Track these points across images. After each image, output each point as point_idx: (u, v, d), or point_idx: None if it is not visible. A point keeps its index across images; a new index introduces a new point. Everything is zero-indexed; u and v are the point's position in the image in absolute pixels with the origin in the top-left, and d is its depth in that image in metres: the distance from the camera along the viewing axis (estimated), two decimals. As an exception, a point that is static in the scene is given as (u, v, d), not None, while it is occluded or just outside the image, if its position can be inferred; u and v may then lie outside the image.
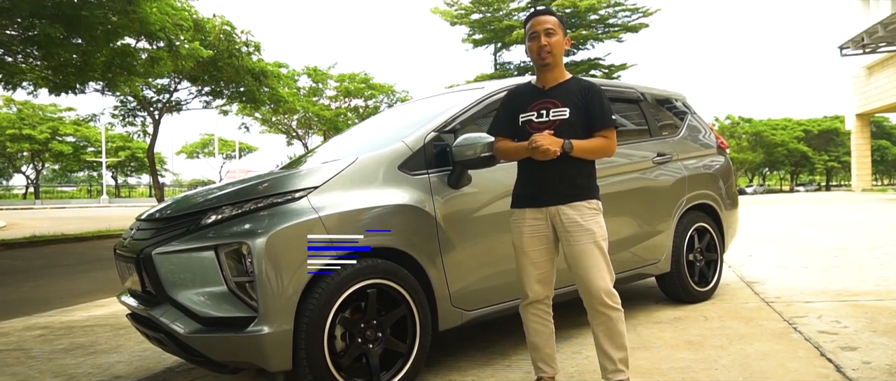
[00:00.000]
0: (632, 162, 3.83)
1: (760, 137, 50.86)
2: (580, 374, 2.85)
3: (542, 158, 2.34)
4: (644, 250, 3.82)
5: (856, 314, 3.70)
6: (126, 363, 3.42)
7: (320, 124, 30.86)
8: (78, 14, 9.04)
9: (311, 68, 30.18)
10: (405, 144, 2.85)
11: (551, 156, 2.32)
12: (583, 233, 2.39)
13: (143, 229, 2.78)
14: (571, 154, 2.36)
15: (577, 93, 2.46)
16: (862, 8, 28.11)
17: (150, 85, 16.63)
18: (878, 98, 27.95)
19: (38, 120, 43.02)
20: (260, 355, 2.34)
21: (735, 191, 4.77)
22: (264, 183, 2.64)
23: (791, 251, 6.83)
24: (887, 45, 24.10)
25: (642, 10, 26.76)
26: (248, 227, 2.41)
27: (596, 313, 2.43)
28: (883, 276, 5.00)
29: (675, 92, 4.70)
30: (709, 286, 4.31)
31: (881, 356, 2.90)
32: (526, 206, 2.49)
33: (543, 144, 2.30)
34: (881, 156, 54.48)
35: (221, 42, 13.90)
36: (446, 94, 3.74)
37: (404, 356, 2.65)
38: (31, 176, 50.95)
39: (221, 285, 2.40)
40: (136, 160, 50.87)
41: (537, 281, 2.50)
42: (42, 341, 4.05)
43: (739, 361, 2.93)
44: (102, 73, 11.29)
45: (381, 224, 2.63)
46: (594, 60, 27.93)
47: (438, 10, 28.37)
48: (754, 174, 63.31)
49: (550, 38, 2.44)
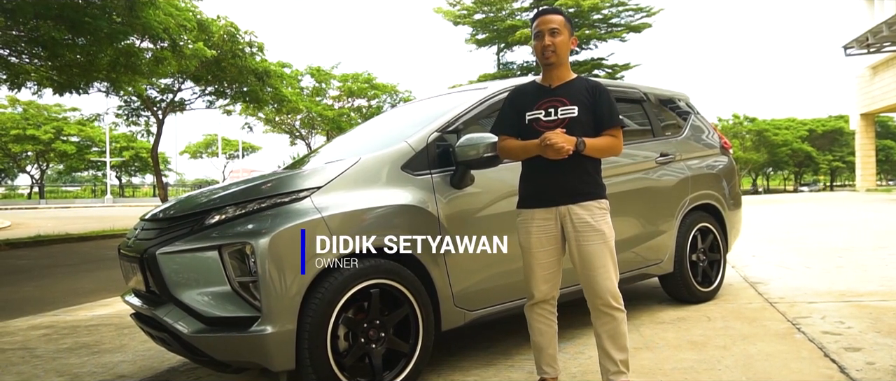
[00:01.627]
0: (635, 162, 3.83)
1: (764, 136, 50.70)
2: (582, 374, 2.85)
3: (554, 157, 2.31)
4: (647, 250, 3.82)
5: (860, 315, 3.69)
6: (130, 363, 3.44)
7: (323, 124, 30.90)
8: (82, 18, 9.07)
9: (314, 68, 30.23)
10: (408, 145, 2.86)
11: (564, 154, 2.30)
12: (593, 233, 2.38)
13: (147, 229, 2.79)
14: (583, 153, 2.35)
15: (584, 92, 2.45)
16: (866, 8, 28.00)
17: (153, 84, 16.67)
18: (883, 98, 27.85)
19: (42, 120, 43.13)
20: (263, 354, 2.35)
21: (738, 191, 4.76)
22: (268, 183, 2.65)
23: (795, 251, 6.81)
24: (892, 44, 24.04)
25: (645, 10, 26.73)
26: (251, 227, 2.42)
27: (600, 314, 2.42)
28: (887, 276, 4.98)
29: (679, 92, 4.69)
30: (712, 287, 4.31)
31: (885, 356, 2.89)
32: (534, 206, 2.46)
33: (557, 142, 2.28)
34: (886, 156, 54.22)
35: (225, 42, 13.92)
36: (449, 94, 3.75)
37: (407, 356, 2.65)
38: (36, 176, 51.15)
39: (225, 285, 2.41)
40: (140, 160, 50.96)
41: (544, 281, 2.48)
42: (46, 340, 4.07)
43: (742, 361, 2.92)
44: (107, 73, 11.33)
45: (384, 224, 2.63)
46: (597, 60, 27.90)
47: (441, 10, 28.36)
48: (758, 174, 63.14)
49: (555, 38, 2.42)
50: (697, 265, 4.22)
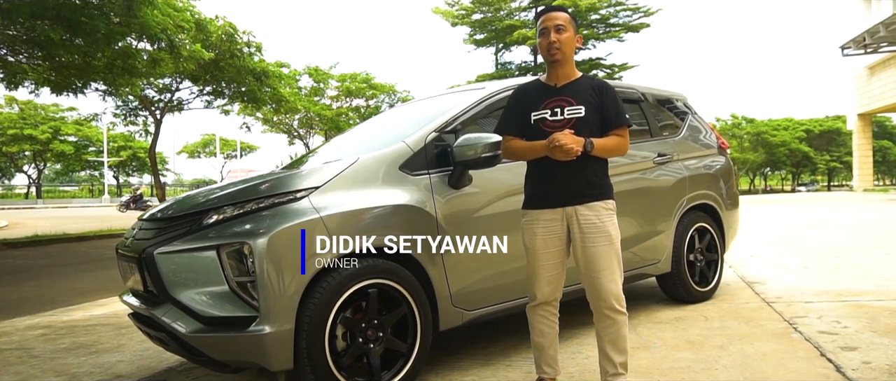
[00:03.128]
0: (633, 162, 3.84)
1: (761, 136, 50.79)
2: (580, 374, 2.86)
3: (563, 158, 2.30)
4: (645, 250, 3.82)
5: (856, 315, 3.71)
6: (128, 363, 3.43)
7: (321, 124, 30.90)
8: (78, 18, 9.04)
9: (312, 68, 30.24)
10: (406, 145, 2.86)
11: (573, 155, 2.28)
12: (600, 235, 2.37)
13: (145, 229, 2.79)
14: (591, 153, 2.34)
15: (590, 91, 2.43)
16: (864, 8, 28.07)
17: (151, 84, 16.65)
18: (880, 98, 27.92)
19: (39, 120, 43.06)
20: (261, 354, 2.35)
21: (736, 191, 4.77)
22: (266, 183, 2.65)
23: (792, 251, 6.83)
24: (889, 45, 24.08)
25: (643, 10, 26.74)
26: (249, 227, 2.42)
27: (603, 317, 2.41)
28: (884, 276, 5.00)
29: (676, 92, 4.70)
30: (709, 286, 4.32)
31: (881, 356, 2.90)
32: (541, 206, 2.44)
33: (566, 143, 2.27)
34: (883, 156, 54.38)
35: (223, 42, 13.90)
36: (447, 94, 3.75)
37: (405, 355, 2.65)
38: (33, 176, 51.04)
39: (223, 285, 2.41)
40: (138, 160, 50.90)
41: (547, 283, 2.47)
42: (44, 340, 4.06)
43: (740, 361, 2.93)
44: (104, 74, 11.30)
45: (382, 224, 2.64)
46: (595, 60, 27.90)
47: (440, 11, 28.35)
48: (755, 175, 63.23)
49: (560, 35, 2.40)
50: (695, 265, 4.22)
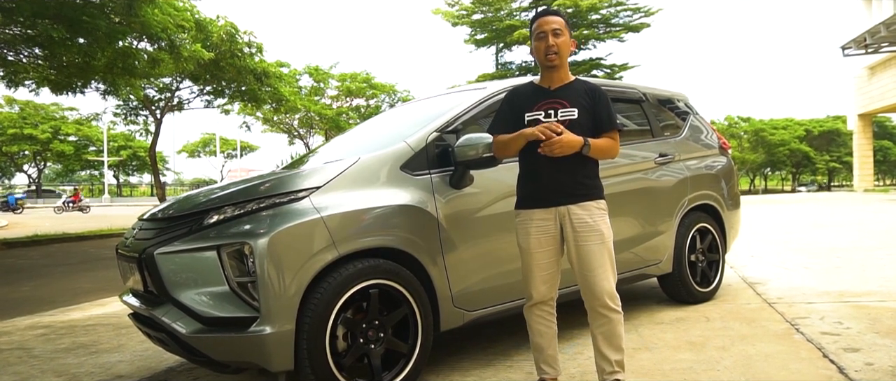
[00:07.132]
0: (634, 162, 3.83)
1: (761, 136, 50.80)
2: (581, 375, 2.85)
3: (559, 154, 2.32)
4: (646, 250, 3.82)
5: (858, 316, 3.70)
6: (128, 363, 3.43)
7: (322, 124, 30.87)
8: (80, 17, 9.04)
9: (312, 68, 30.19)
10: (407, 145, 2.85)
11: (568, 153, 2.32)
12: (592, 234, 2.39)
13: (145, 229, 2.79)
14: (587, 154, 2.36)
15: (584, 94, 2.46)
16: (864, 8, 28.06)
17: (152, 83, 16.65)
18: (881, 98, 27.89)
19: (39, 119, 43.07)
20: (262, 355, 2.34)
21: (737, 191, 4.76)
22: (266, 183, 2.64)
23: (793, 252, 6.82)
24: (890, 45, 24.06)
25: (644, 10, 26.71)
26: (249, 227, 2.41)
27: (597, 315, 2.43)
28: (886, 277, 4.99)
29: (677, 92, 4.69)
30: (711, 287, 4.31)
31: (884, 357, 2.89)
32: (533, 206, 2.46)
33: (564, 140, 2.29)
34: (883, 156, 54.37)
35: (224, 42, 13.89)
36: (448, 94, 3.74)
37: (406, 356, 2.64)
38: (33, 175, 51.05)
39: (223, 286, 2.40)
40: (138, 159, 50.92)
41: (542, 282, 2.48)
42: (44, 340, 4.06)
43: (741, 362, 2.92)
44: (104, 74, 11.29)
45: (383, 224, 2.63)
46: (596, 60, 27.88)
47: (440, 11, 28.33)
48: (755, 175, 63.24)
49: (558, 39, 2.43)
50: (696, 266, 4.21)
